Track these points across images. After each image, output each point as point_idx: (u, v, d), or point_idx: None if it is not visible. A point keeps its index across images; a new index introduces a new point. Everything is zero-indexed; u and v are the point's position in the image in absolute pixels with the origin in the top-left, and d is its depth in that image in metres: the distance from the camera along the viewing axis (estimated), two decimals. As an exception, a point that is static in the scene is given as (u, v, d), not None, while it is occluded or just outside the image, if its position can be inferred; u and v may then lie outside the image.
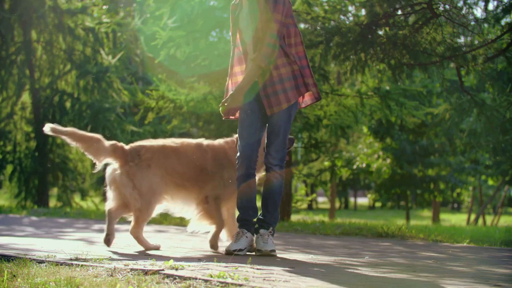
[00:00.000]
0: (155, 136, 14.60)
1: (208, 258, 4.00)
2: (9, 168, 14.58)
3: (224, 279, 3.01)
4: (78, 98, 14.20)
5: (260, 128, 4.39)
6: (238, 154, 4.38)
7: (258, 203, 4.56)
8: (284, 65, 4.31)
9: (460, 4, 6.92)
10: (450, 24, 6.63)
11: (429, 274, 3.51)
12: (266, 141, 4.41)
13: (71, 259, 3.67)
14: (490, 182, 26.96)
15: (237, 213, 4.57)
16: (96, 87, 13.99)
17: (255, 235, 4.36)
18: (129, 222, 4.56)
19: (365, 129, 21.19)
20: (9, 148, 14.59)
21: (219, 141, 4.71)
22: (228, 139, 4.71)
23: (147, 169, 4.44)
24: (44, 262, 3.58)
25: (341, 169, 10.42)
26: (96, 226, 7.50)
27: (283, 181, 4.41)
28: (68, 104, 14.37)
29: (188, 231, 4.75)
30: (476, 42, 6.89)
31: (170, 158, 4.53)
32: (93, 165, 4.59)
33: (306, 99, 4.53)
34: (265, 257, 4.15)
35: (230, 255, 4.20)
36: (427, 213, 32.39)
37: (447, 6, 6.63)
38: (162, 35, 8.91)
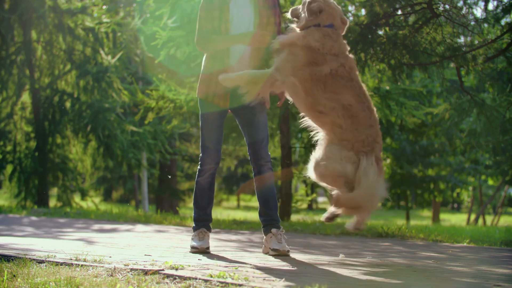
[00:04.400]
0: (155, 136, 14.61)
1: (208, 258, 4.01)
2: (9, 168, 14.59)
3: (224, 279, 3.01)
4: (78, 98, 14.21)
5: (222, 130, 4.45)
6: (203, 155, 4.43)
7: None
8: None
9: (460, 4, 6.92)
10: (450, 24, 6.63)
11: (429, 274, 3.51)
12: (250, 140, 4.41)
13: (71, 259, 3.67)
14: (490, 182, 26.97)
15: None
16: (96, 87, 13.99)
17: (267, 236, 4.37)
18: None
19: (365, 129, 21.15)
20: (9, 148, 14.59)
21: None
22: None
23: None
24: (44, 262, 3.58)
25: (341, 169, 10.39)
26: (96, 226, 7.50)
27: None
28: (68, 104, 14.37)
29: None
30: (476, 42, 6.88)
31: None
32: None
33: None
34: (265, 257, 4.15)
35: (204, 253, 4.30)
36: (427, 213, 32.40)
37: (447, 6, 6.63)
38: (162, 35, 8.91)
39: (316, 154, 3.92)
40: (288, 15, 4.24)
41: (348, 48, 4.05)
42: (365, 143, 3.81)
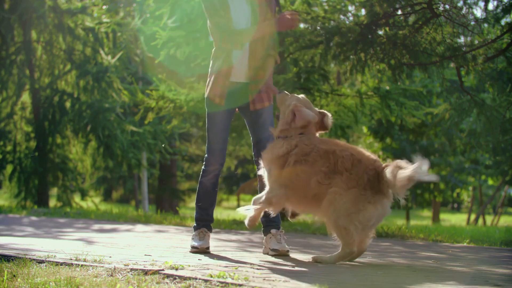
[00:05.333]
0: (155, 136, 14.60)
1: (208, 258, 4.01)
2: (9, 168, 14.58)
3: (224, 279, 3.01)
4: (78, 98, 14.20)
5: (228, 130, 4.47)
6: (209, 156, 4.42)
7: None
8: None
9: (460, 4, 6.91)
10: (450, 24, 6.62)
11: (429, 274, 3.51)
12: (255, 139, 4.44)
13: (71, 259, 3.67)
14: (490, 182, 26.97)
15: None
16: (96, 87, 13.98)
17: (266, 236, 4.38)
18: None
19: (365, 129, 21.18)
20: (9, 148, 14.59)
21: None
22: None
23: None
24: (44, 262, 3.58)
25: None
26: (96, 226, 7.50)
27: None
28: (68, 104, 14.37)
29: None
30: (476, 42, 6.88)
31: None
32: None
33: None
34: (265, 257, 4.15)
35: (205, 253, 4.32)
36: (427, 213, 32.39)
37: (447, 6, 6.63)
38: (162, 35, 8.90)
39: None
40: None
41: (321, 143, 4.01)
42: (371, 179, 3.77)
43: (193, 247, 4.38)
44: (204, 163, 4.48)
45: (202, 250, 4.34)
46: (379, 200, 3.76)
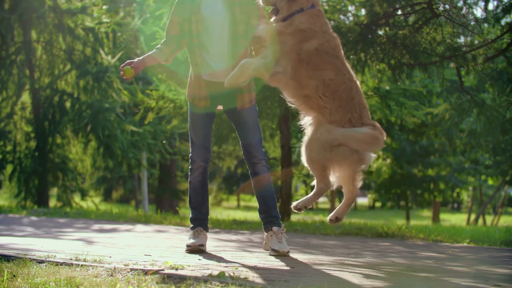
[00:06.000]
0: (155, 136, 14.61)
1: (208, 258, 4.01)
2: (9, 168, 14.58)
3: (224, 279, 3.01)
4: (78, 98, 14.20)
5: (209, 128, 4.49)
6: (192, 153, 4.45)
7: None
8: None
9: (460, 4, 6.92)
10: (450, 24, 6.63)
11: (429, 274, 3.51)
12: (241, 141, 4.44)
13: (71, 259, 3.68)
14: (490, 182, 26.99)
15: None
16: (96, 87, 13.98)
17: (267, 233, 4.38)
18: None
19: (365, 129, 21.18)
20: (9, 148, 14.58)
21: None
22: None
23: None
24: (44, 262, 3.58)
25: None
26: (96, 226, 7.50)
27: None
28: (68, 104, 14.36)
29: None
30: (476, 42, 6.88)
31: None
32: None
33: None
34: (265, 257, 4.15)
35: (198, 251, 4.34)
36: (427, 213, 32.40)
37: (447, 6, 6.63)
38: (162, 35, 8.90)
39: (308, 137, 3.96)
40: (260, 2, 4.16)
41: (330, 27, 4.04)
42: (353, 121, 3.86)
43: (187, 245, 4.41)
44: (189, 161, 4.52)
45: (195, 247, 4.34)
46: None
